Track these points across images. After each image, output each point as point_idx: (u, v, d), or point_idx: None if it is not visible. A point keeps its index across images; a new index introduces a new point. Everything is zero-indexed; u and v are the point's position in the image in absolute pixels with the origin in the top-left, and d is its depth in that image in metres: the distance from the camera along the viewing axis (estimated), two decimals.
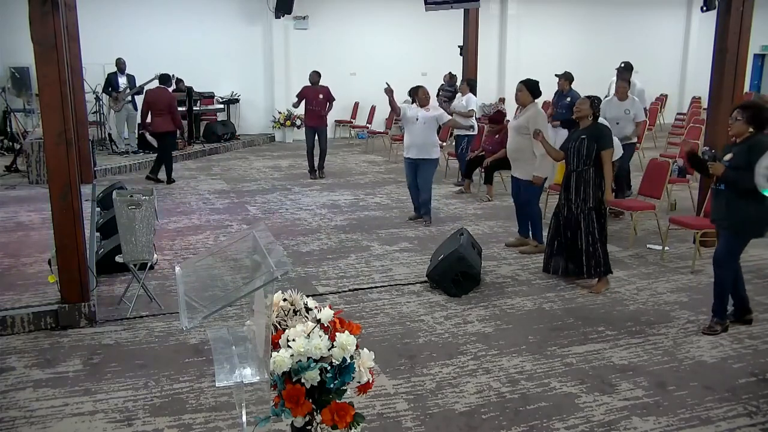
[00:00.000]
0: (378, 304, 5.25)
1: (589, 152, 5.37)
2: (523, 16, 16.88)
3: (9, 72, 12.29)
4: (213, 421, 3.52)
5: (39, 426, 3.48)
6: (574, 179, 5.47)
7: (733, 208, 4.44)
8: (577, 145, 5.43)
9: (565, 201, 5.56)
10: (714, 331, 4.66)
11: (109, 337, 4.60)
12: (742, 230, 4.50)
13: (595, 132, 5.42)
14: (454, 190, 9.64)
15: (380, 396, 3.76)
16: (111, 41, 12.81)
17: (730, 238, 4.54)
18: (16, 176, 10.04)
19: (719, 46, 6.48)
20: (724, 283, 4.60)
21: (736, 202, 4.42)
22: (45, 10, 4.40)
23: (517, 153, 6.46)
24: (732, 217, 4.45)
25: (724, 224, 4.55)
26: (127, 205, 4.92)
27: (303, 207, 8.60)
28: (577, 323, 4.85)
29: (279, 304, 2.65)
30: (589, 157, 5.37)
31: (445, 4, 10.32)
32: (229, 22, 14.65)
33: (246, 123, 15.17)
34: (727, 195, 4.47)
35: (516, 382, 3.95)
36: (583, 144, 5.39)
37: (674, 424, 3.50)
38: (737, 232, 4.52)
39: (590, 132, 5.43)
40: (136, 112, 12.03)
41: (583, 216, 5.43)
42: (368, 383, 2.56)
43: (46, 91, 4.50)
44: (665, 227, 6.58)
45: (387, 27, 15.68)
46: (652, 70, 16.73)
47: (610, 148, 5.43)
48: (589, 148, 5.36)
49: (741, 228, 4.49)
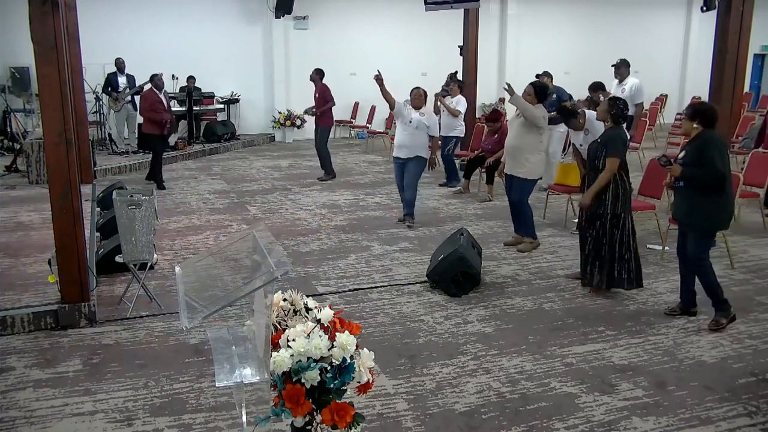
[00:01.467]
0: (378, 304, 5.25)
1: (599, 157, 5.23)
2: (523, 16, 16.89)
3: (9, 72, 12.30)
4: (213, 421, 3.52)
5: (39, 426, 3.48)
6: (587, 184, 5.35)
7: (695, 206, 4.57)
8: (593, 148, 5.33)
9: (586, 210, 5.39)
10: (720, 324, 4.69)
11: (109, 337, 4.60)
12: (709, 226, 4.67)
13: (606, 137, 5.27)
14: (453, 190, 9.64)
15: (380, 396, 3.76)
16: (111, 41, 12.82)
17: (698, 237, 4.67)
18: (16, 176, 10.05)
19: (719, 46, 6.48)
20: (707, 278, 4.69)
21: (698, 199, 4.56)
22: (45, 10, 4.40)
23: (515, 150, 6.46)
24: (695, 214, 4.59)
25: (687, 222, 4.67)
26: (127, 205, 4.92)
27: (303, 207, 8.61)
28: (577, 323, 4.85)
29: (279, 304, 2.65)
30: (600, 162, 5.22)
31: (445, 4, 10.32)
32: (229, 22, 14.65)
33: (246, 123, 15.18)
34: (687, 192, 4.61)
35: (516, 382, 3.95)
36: (596, 148, 5.29)
37: (674, 424, 3.50)
38: (704, 229, 4.66)
39: (603, 136, 5.31)
40: (135, 112, 12.03)
41: (604, 225, 5.23)
42: (368, 383, 2.56)
43: (46, 91, 4.50)
44: (665, 227, 6.57)
45: (387, 27, 15.68)
46: (652, 70, 16.74)
47: (616, 155, 5.13)
48: (600, 153, 5.23)
49: (706, 225, 4.64)
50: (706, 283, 4.71)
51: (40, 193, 8.39)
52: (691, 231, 4.68)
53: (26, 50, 5.13)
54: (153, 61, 12.58)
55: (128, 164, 11.21)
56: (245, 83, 14.93)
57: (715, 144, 4.49)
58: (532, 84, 6.55)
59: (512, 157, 6.53)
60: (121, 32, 13.32)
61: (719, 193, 4.53)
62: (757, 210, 7.57)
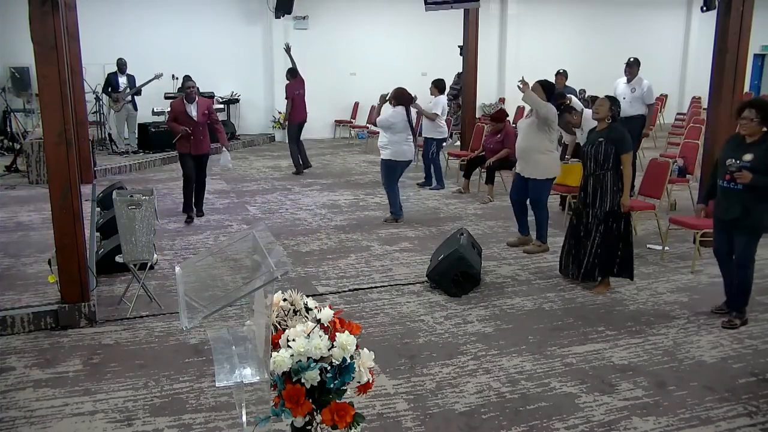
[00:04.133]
0: (378, 304, 5.25)
1: (607, 156, 5.21)
2: (523, 16, 16.89)
3: (9, 72, 12.30)
4: (213, 421, 3.52)
5: (39, 426, 3.48)
6: (591, 183, 5.34)
7: (752, 209, 4.48)
8: (595, 148, 5.28)
9: (582, 205, 5.45)
10: (734, 325, 4.74)
11: (109, 337, 4.60)
12: (760, 230, 4.59)
13: (613, 135, 5.23)
14: (453, 190, 9.64)
15: (380, 396, 3.76)
16: (111, 41, 12.82)
17: (751, 238, 4.60)
18: (16, 176, 10.05)
19: (719, 46, 6.47)
20: (749, 279, 4.68)
21: (754, 202, 4.47)
22: (45, 10, 4.40)
23: (527, 152, 6.38)
24: (751, 217, 4.51)
25: (741, 225, 4.57)
26: (127, 205, 4.93)
27: (303, 207, 8.61)
28: (577, 323, 4.85)
29: (279, 304, 2.65)
30: (607, 161, 5.22)
31: (445, 4, 10.32)
32: (229, 22, 14.65)
33: (246, 123, 15.17)
34: (744, 196, 4.48)
35: (516, 382, 3.95)
36: (600, 147, 5.23)
37: (674, 424, 3.50)
38: (757, 232, 4.60)
39: (608, 135, 5.25)
40: (136, 112, 12.04)
41: (598, 221, 5.30)
42: (368, 383, 2.55)
43: (46, 91, 4.50)
44: (665, 227, 6.57)
45: (387, 27, 15.68)
46: (652, 70, 16.64)
47: (630, 152, 5.25)
48: (607, 152, 5.20)
49: (760, 228, 4.57)
50: (746, 283, 4.70)
51: (40, 193, 8.39)
52: (744, 233, 4.59)
53: (26, 50, 5.12)
54: (153, 61, 12.59)
55: (128, 164, 11.21)
56: (245, 83, 14.93)
57: None
58: (539, 82, 6.41)
59: (524, 159, 6.45)
60: (121, 32, 13.31)
61: None
62: None
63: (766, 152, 4.40)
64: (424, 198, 9.19)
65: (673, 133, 13.50)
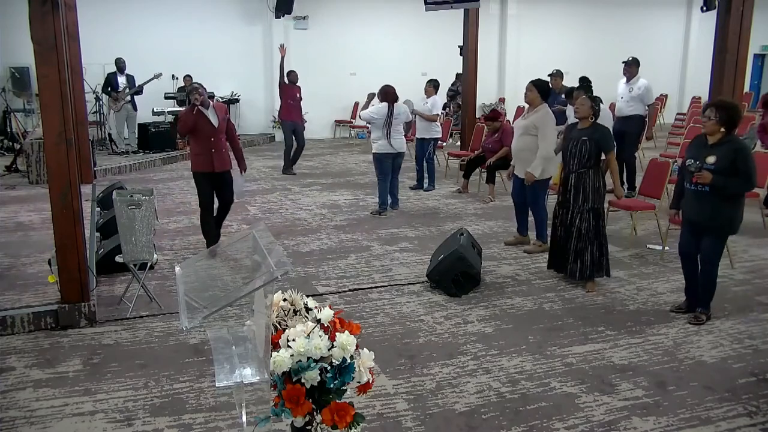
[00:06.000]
0: (378, 304, 5.25)
1: (590, 154, 5.30)
2: (523, 16, 16.89)
3: (9, 72, 12.31)
4: (213, 421, 3.52)
5: (39, 426, 3.48)
6: (573, 181, 5.40)
7: (719, 209, 4.56)
8: (578, 146, 5.35)
9: (564, 202, 5.52)
10: (700, 321, 4.79)
11: (109, 337, 4.59)
12: (728, 230, 4.69)
13: (596, 134, 5.33)
14: (453, 190, 9.63)
15: (380, 396, 3.76)
16: (111, 41, 12.83)
17: (718, 239, 4.70)
18: (16, 176, 10.05)
19: (719, 46, 6.48)
20: (713, 278, 4.76)
21: (720, 203, 4.55)
22: (45, 10, 4.40)
23: (523, 152, 6.39)
24: (718, 218, 4.59)
25: (709, 225, 4.65)
26: (127, 205, 4.93)
27: (303, 207, 8.61)
28: (577, 323, 4.85)
29: (279, 304, 2.65)
30: (590, 159, 5.30)
31: (445, 4, 10.32)
32: (229, 22, 14.65)
33: (246, 123, 15.18)
34: (711, 198, 4.55)
35: (516, 382, 3.95)
36: (583, 146, 5.31)
37: (674, 424, 3.50)
38: (726, 232, 4.71)
39: (590, 134, 5.34)
40: (135, 112, 12.05)
41: (580, 217, 5.38)
42: (368, 383, 2.55)
43: (46, 91, 4.50)
44: (665, 227, 6.57)
45: (387, 27, 15.68)
46: (652, 70, 16.67)
47: (614, 150, 5.40)
48: (590, 151, 5.29)
49: (727, 228, 4.67)
50: (710, 282, 4.76)
51: (40, 193, 8.39)
52: (712, 234, 4.67)
53: (26, 50, 5.12)
54: (153, 61, 12.60)
55: (128, 164, 11.21)
56: (245, 83, 14.94)
57: (749, 154, 4.47)
58: (533, 82, 6.40)
59: (520, 160, 6.47)
60: (121, 32, 13.32)
61: (741, 197, 4.59)
62: (757, 210, 7.56)
63: (726, 154, 4.46)
64: (424, 198, 9.19)
65: (673, 133, 13.50)
